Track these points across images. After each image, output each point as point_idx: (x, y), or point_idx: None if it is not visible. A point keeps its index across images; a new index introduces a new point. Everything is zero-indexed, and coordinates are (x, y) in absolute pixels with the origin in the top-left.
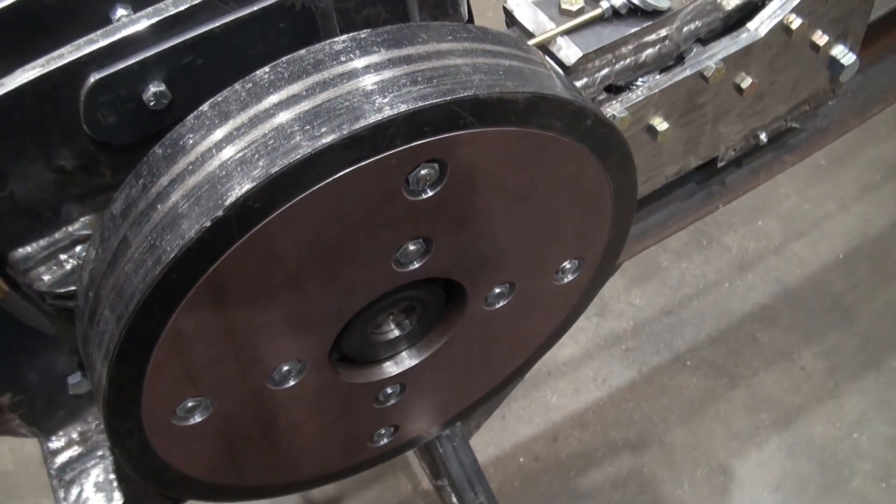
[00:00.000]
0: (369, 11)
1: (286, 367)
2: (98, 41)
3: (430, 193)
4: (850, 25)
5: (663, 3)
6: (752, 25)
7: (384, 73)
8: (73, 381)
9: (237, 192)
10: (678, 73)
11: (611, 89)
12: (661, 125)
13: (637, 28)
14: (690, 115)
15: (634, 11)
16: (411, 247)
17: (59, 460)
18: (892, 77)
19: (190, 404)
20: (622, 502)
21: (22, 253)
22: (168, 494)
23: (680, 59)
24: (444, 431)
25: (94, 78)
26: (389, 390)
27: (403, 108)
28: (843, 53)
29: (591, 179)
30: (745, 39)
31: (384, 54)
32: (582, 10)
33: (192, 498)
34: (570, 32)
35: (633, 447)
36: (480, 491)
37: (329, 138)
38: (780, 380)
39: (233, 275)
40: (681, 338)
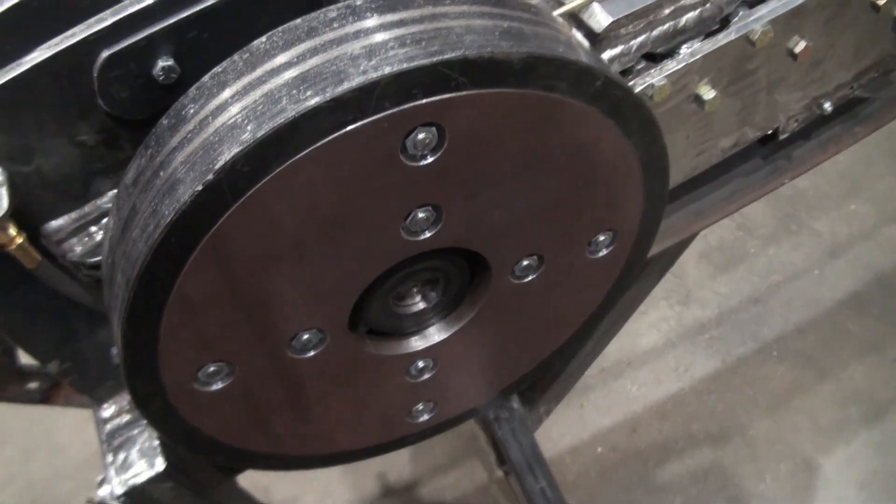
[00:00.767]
0: None
1: (306, 336)
2: (107, 19)
3: (431, 159)
4: None
5: None
6: None
7: (374, 38)
8: (115, 351)
9: (226, 156)
10: (721, 38)
11: (654, 58)
12: (707, 93)
13: None
14: (741, 83)
15: None
16: (420, 214)
17: (108, 427)
18: None
19: (211, 369)
20: (701, 496)
21: (54, 225)
22: (204, 457)
23: (725, 22)
24: (490, 410)
25: (105, 54)
26: (421, 364)
27: (388, 70)
28: None
29: (610, 145)
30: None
31: (377, 19)
32: None
33: (228, 463)
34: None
35: (715, 440)
36: (541, 476)
37: (313, 101)
38: (871, 372)
39: (233, 239)
40: (767, 327)
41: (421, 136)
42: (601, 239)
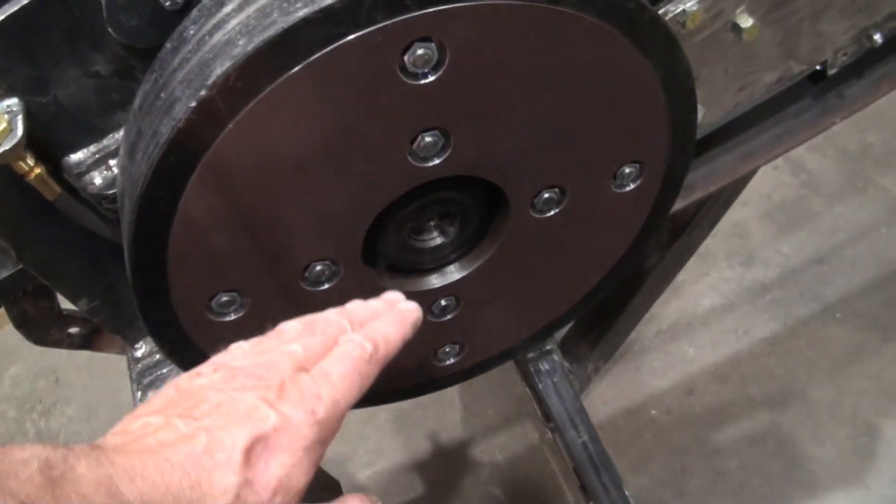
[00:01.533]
0: None
1: (318, 268)
2: None
3: (433, 77)
4: None
5: None
6: None
7: None
8: None
9: (218, 71)
10: None
11: None
12: (745, 21)
13: None
14: (781, 11)
15: None
16: (427, 138)
17: (139, 366)
18: None
19: (224, 299)
20: (758, 459)
21: (75, 158)
22: None
23: None
24: (524, 358)
25: None
26: (444, 302)
27: None
28: None
29: (628, 66)
30: None
31: None
32: None
33: None
34: None
35: (773, 403)
36: (583, 430)
37: (301, 13)
38: None
39: (232, 158)
40: (831, 287)
41: (420, 52)
42: (627, 171)
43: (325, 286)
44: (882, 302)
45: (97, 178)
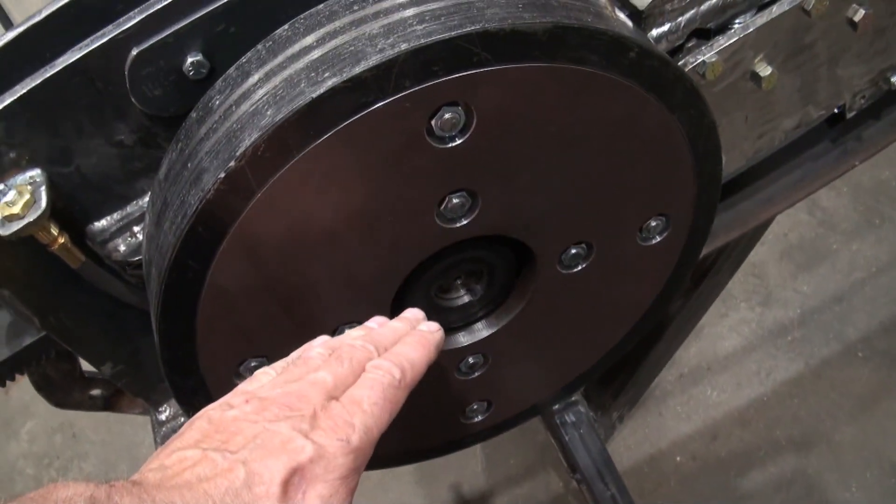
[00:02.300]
0: None
1: (347, 330)
2: (135, 17)
3: (460, 140)
4: None
5: None
6: None
7: (392, 17)
8: None
9: (247, 142)
10: (775, 10)
11: (706, 35)
12: (764, 70)
13: None
14: (799, 57)
15: None
16: (454, 200)
17: (164, 430)
18: None
19: (253, 364)
20: None
21: (98, 226)
22: None
23: None
24: (552, 412)
25: (134, 52)
26: (472, 360)
27: (404, 46)
28: None
29: (652, 121)
30: None
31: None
32: None
33: None
34: None
35: (798, 446)
36: (611, 482)
37: (330, 83)
38: None
39: (261, 227)
40: (852, 326)
41: (447, 115)
42: (653, 224)
43: None
44: None
45: (121, 245)
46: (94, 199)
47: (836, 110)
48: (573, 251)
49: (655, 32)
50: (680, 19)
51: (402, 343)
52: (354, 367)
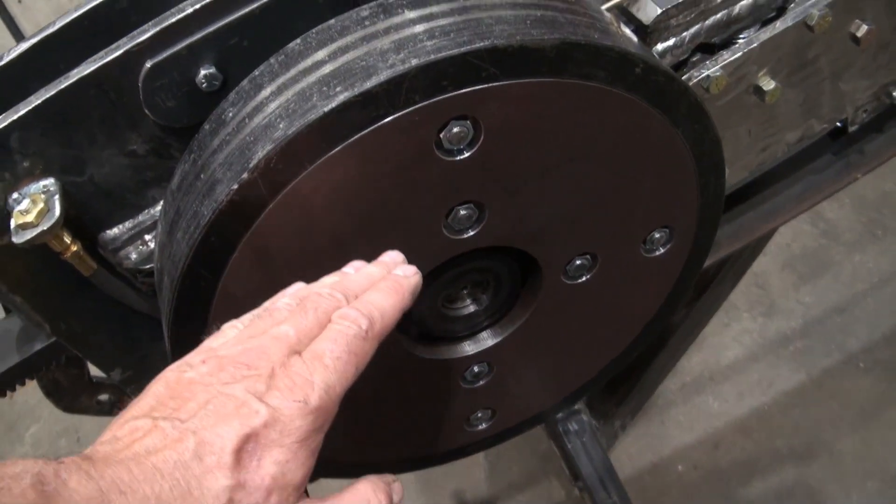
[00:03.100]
0: None
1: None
2: (149, 30)
3: (468, 153)
4: None
5: None
6: None
7: (403, 32)
8: None
9: (259, 154)
10: (778, 25)
11: (711, 50)
12: (767, 84)
13: None
14: (802, 72)
15: None
16: (462, 212)
17: None
18: None
19: None
20: None
21: (110, 234)
22: None
23: (782, 9)
24: (555, 421)
25: (148, 64)
26: (476, 369)
27: (414, 62)
28: None
29: (657, 135)
30: None
31: (408, 14)
32: None
33: None
34: None
35: (800, 456)
36: (613, 490)
37: (342, 97)
38: None
39: (273, 237)
40: (854, 337)
41: (455, 129)
42: (657, 236)
43: None
44: None
45: (133, 254)
46: (106, 208)
47: (838, 124)
48: (578, 262)
49: (660, 47)
50: (685, 34)
51: (373, 289)
52: (320, 317)
